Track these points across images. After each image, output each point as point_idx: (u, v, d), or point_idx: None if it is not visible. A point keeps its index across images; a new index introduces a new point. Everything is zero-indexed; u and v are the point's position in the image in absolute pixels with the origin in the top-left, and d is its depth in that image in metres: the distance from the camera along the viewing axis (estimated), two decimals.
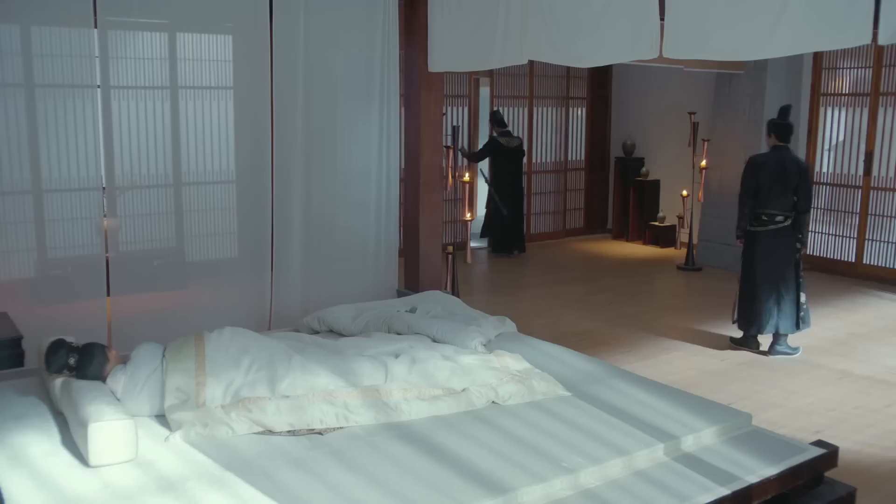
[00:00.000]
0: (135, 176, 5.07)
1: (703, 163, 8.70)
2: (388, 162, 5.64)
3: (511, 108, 10.05)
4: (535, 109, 10.25)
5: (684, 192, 9.12)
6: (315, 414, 3.08)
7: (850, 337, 6.25)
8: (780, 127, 5.81)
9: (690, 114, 8.91)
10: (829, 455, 3.05)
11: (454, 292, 5.98)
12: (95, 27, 4.69)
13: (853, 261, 8.48)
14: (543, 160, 10.49)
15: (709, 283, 8.17)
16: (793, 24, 3.08)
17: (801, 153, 8.75)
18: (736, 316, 5.94)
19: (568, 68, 10.22)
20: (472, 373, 3.47)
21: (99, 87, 4.82)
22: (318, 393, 3.18)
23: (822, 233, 8.80)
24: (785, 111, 5.89)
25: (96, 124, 4.79)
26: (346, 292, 5.27)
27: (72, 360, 3.17)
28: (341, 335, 4.21)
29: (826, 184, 8.76)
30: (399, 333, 4.07)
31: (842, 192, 8.62)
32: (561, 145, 10.61)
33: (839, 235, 8.65)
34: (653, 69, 9.39)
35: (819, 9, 3.04)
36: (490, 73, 9.66)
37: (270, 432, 3.01)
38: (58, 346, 3.20)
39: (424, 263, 5.53)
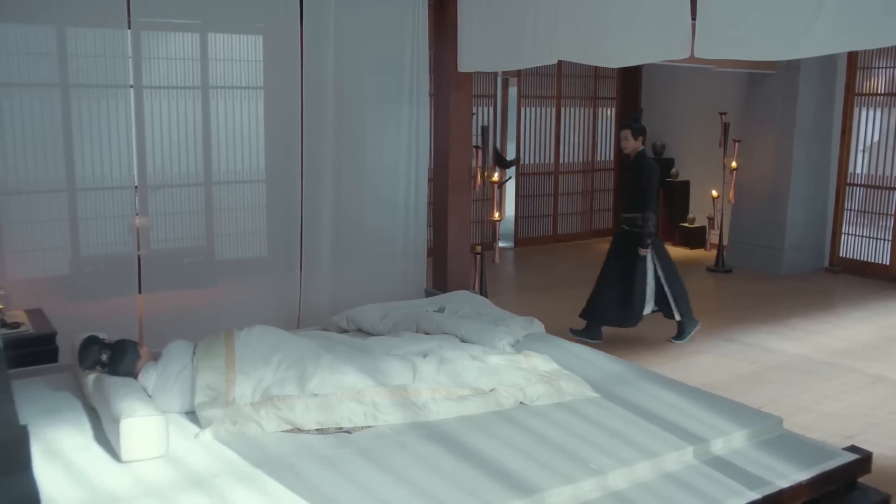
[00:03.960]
0: (166, 175, 5.12)
1: (734, 164, 8.61)
2: (416, 162, 5.65)
3: (538, 109, 10.00)
4: (562, 110, 10.20)
5: (715, 193, 9.03)
6: (343, 413, 3.09)
7: (883, 341, 6.15)
8: (645, 131, 5.89)
9: (721, 114, 8.83)
10: (863, 461, 3.00)
11: (482, 292, 5.97)
12: (129, 28, 4.74)
13: (888, 263, 8.34)
14: (571, 161, 10.43)
15: (739, 285, 8.09)
16: (828, 22, 3.04)
17: (833, 154, 8.65)
18: (679, 316, 5.96)
19: (595, 68, 10.15)
20: (500, 373, 3.47)
21: (132, 87, 4.88)
22: (346, 392, 3.19)
23: (855, 235, 8.67)
24: (639, 115, 6.07)
25: (129, 124, 4.85)
26: (374, 291, 5.29)
27: (104, 357, 3.21)
28: (370, 334, 4.22)
29: (860, 185, 8.63)
30: (427, 333, 4.07)
31: (876, 194, 8.49)
32: (588, 146, 10.55)
33: (873, 238, 8.51)
34: (683, 69, 9.31)
35: (855, 7, 2.99)
36: (517, 73, 9.63)
37: (299, 430, 3.03)
38: (91, 343, 3.24)
39: (453, 263, 5.53)
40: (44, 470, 2.63)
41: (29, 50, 4.60)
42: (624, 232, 5.93)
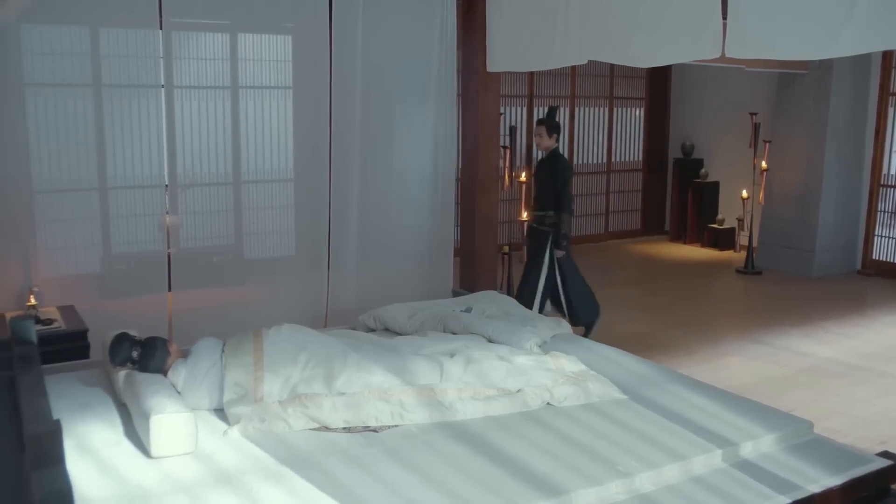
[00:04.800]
0: (196, 174, 5.17)
1: (764, 164, 8.52)
2: (444, 161, 5.65)
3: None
4: (576, 109, 10.11)
5: (744, 194, 8.94)
6: (370, 411, 3.10)
7: None
8: (559, 129, 5.75)
9: (752, 114, 8.74)
10: None
11: (509, 293, 5.96)
12: (160, 28, 4.79)
13: None
14: (586, 161, 10.33)
15: (769, 287, 8.00)
16: (863, 21, 3.00)
17: (867, 155, 8.52)
18: (575, 319, 5.70)
19: (613, 68, 10.06)
20: (527, 373, 3.46)
21: (163, 86, 4.93)
22: (373, 391, 3.20)
23: (888, 237, 8.54)
24: (555, 111, 5.92)
25: (160, 123, 4.90)
26: (401, 291, 5.30)
27: (135, 354, 3.25)
28: (397, 334, 4.23)
29: (893, 186, 8.50)
30: (454, 333, 4.07)
31: None
32: (604, 146, 10.45)
33: None
34: (713, 69, 9.23)
35: (889, 6, 2.95)
36: (530, 73, 9.51)
37: (326, 429, 3.04)
38: (122, 340, 3.28)
39: (480, 263, 5.53)
40: (76, 464, 2.67)
41: (62, 50, 4.66)
42: (538, 231, 5.76)
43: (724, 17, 3.48)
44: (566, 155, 9.88)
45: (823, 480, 2.76)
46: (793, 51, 3.43)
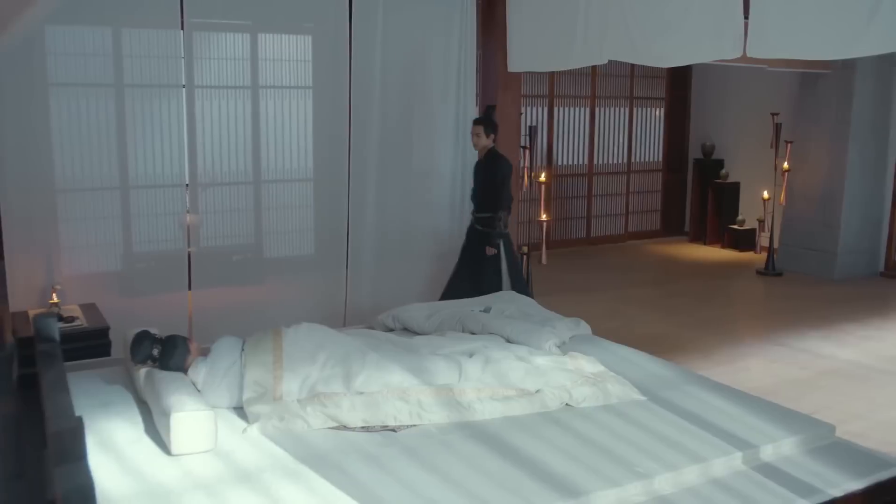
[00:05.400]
0: (216, 173, 5.21)
1: (786, 165, 8.45)
2: (463, 162, 5.65)
3: (571, 109, 9.84)
4: (597, 110, 10.06)
5: (765, 195, 8.87)
6: (389, 411, 3.11)
7: None
8: (497, 128, 5.36)
9: (773, 115, 8.67)
10: None
11: (528, 293, 5.95)
12: (182, 29, 4.83)
13: None
14: (606, 161, 10.27)
15: (790, 289, 7.93)
16: (886, 21, 2.97)
17: (890, 156, 8.43)
18: None
19: (633, 67, 10.00)
20: (546, 374, 3.45)
21: (184, 86, 4.96)
22: (392, 390, 3.20)
23: None
24: (492, 110, 5.53)
25: (180, 123, 4.94)
26: (420, 291, 5.30)
27: (155, 352, 3.27)
28: (415, 333, 4.23)
29: None
30: (473, 333, 4.07)
31: None
32: (625, 146, 10.40)
33: None
34: (734, 69, 9.15)
35: None
36: (551, 73, 9.47)
37: (345, 428, 3.05)
38: (143, 338, 3.31)
39: None
40: (97, 461, 2.69)
41: (85, 51, 4.71)
42: (479, 232, 5.42)
43: (746, 17, 3.46)
44: (587, 156, 9.84)
45: (845, 485, 2.73)
46: (815, 51, 3.41)
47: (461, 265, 5.56)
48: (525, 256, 6.16)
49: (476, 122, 5.36)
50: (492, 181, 5.30)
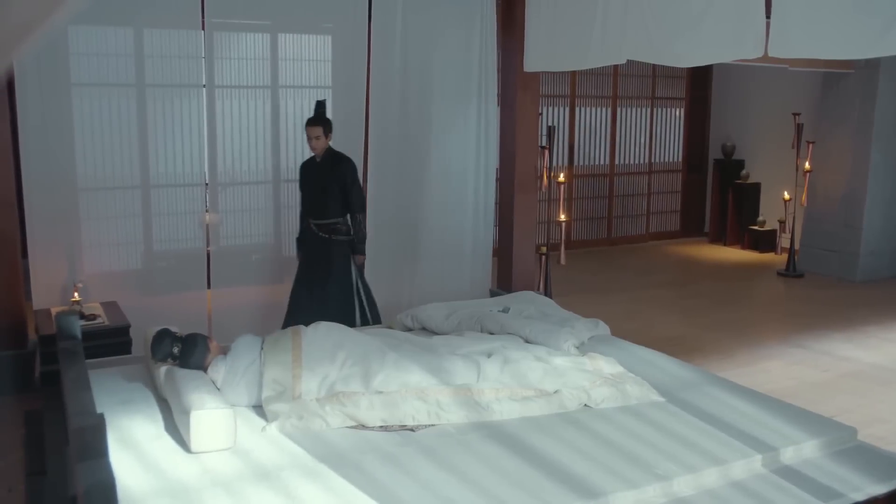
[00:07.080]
0: (236, 173, 5.23)
1: (808, 165, 8.38)
2: (485, 162, 5.65)
3: (592, 109, 9.80)
4: (618, 110, 10.02)
5: (786, 196, 8.80)
6: (407, 410, 3.11)
7: None
8: (332, 126, 4.83)
9: (795, 115, 8.60)
10: None
11: (547, 293, 5.94)
12: (202, 29, 4.86)
13: None
14: (627, 162, 10.23)
15: (811, 291, 7.86)
16: None
17: None
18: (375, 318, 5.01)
19: (655, 68, 9.94)
20: (565, 375, 3.44)
21: (204, 86, 4.99)
22: (410, 390, 3.21)
23: None
24: (323, 105, 4.86)
25: (201, 123, 4.97)
26: (439, 291, 5.30)
27: (175, 350, 3.29)
28: (434, 333, 4.23)
29: None
30: (491, 333, 4.07)
31: None
32: (645, 147, 10.34)
33: None
34: (755, 69, 9.09)
35: None
36: (572, 73, 9.44)
37: (363, 427, 3.06)
38: (163, 336, 3.33)
39: (518, 264, 5.51)
40: (118, 457, 2.71)
41: (107, 51, 4.75)
42: (323, 240, 4.81)
43: (768, 16, 3.43)
44: (608, 156, 9.78)
45: (867, 488, 2.71)
46: (838, 50, 3.37)
47: (305, 285, 4.86)
48: (544, 257, 6.15)
49: (312, 122, 4.71)
50: (337, 184, 4.78)
